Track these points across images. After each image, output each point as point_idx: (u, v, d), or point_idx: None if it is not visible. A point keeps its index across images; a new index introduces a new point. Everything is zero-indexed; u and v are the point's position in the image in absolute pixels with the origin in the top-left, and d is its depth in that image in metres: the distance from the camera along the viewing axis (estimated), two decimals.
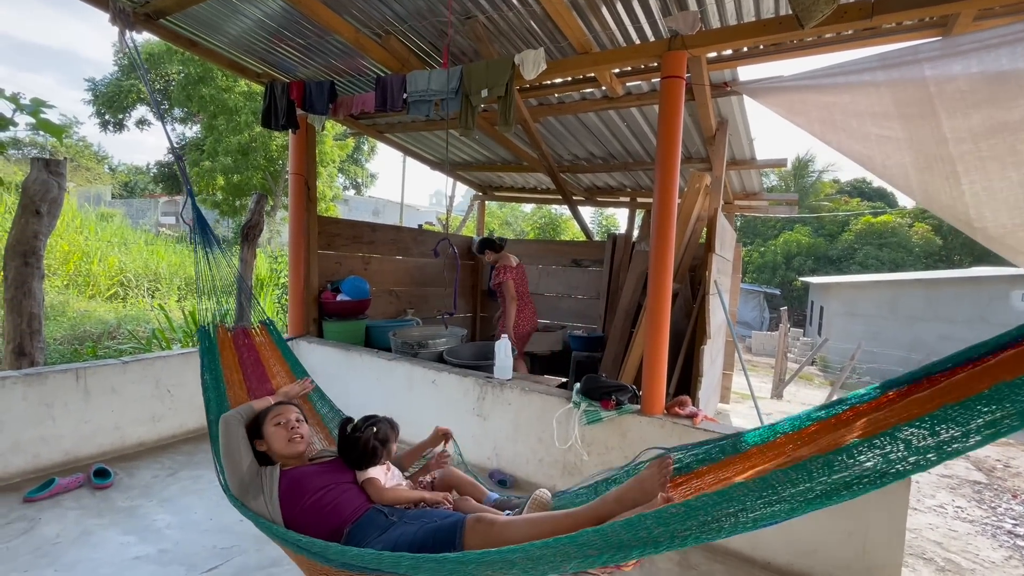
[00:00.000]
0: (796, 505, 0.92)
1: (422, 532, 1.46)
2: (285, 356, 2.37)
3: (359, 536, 1.52)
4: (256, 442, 1.80)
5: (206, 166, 15.49)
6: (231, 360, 2.16)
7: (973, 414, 0.79)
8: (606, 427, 2.79)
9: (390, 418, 1.89)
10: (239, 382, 2.13)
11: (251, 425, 1.83)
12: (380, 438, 1.79)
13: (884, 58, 2.14)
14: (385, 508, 1.63)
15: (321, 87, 3.54)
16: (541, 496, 1.61)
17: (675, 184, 2.65)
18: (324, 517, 1.59)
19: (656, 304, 2.70)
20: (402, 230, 5.74)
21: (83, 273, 8.63)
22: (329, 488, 1.65)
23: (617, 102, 3.64)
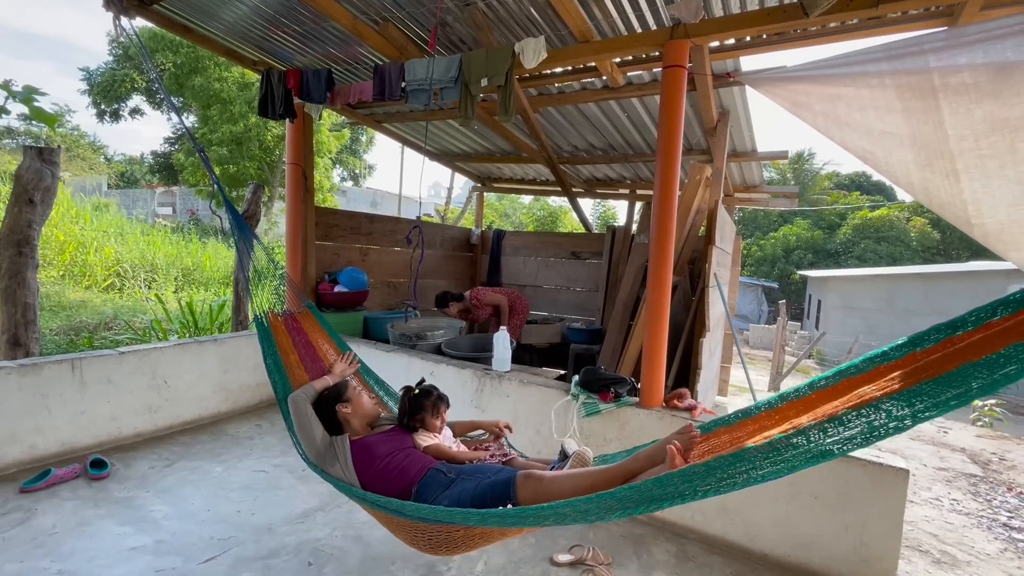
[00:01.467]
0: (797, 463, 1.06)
1: (480, 488, 1.64)
2: (331, 335, 2.60)
3: (426, 493, 1.72)
4: (341, 406, 2.01)
5: None
6: (286, 343, 2.37)
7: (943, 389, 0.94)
8: (604, 419, 2.79)
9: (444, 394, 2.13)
10: (296, 362, 2.34)
11: (331, 395, 2.05)
12: (441, 394, 2.08)
13: (889, 48, 2.11)
14: (444, 467, 1.83)
15: (319, 75, 3.49)
16: (584, 454, 1.76)
17: (676, 175, 2.63)
18: (394, 479, 1.80)
19: (655, 297, 2.69)
20: (400, 221, 5.70)
21: (79, 263, 8.57)
22: (394, 454, 1.87)
23: (618, 92, 3.60)
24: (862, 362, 1.24)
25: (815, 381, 1.35)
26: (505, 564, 2.28)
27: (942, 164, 1.96)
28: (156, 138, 60.08)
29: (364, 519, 2.51)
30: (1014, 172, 1.84)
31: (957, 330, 1.02)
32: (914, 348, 1.10)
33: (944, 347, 1.03)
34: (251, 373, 4.04)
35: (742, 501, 2.44)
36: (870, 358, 1.22)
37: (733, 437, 1.50)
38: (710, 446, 1.54)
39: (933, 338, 1.06)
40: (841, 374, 1.28)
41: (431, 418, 2.03)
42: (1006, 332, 0.93)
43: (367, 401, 2.14)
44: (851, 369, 1.26)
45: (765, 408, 1.47)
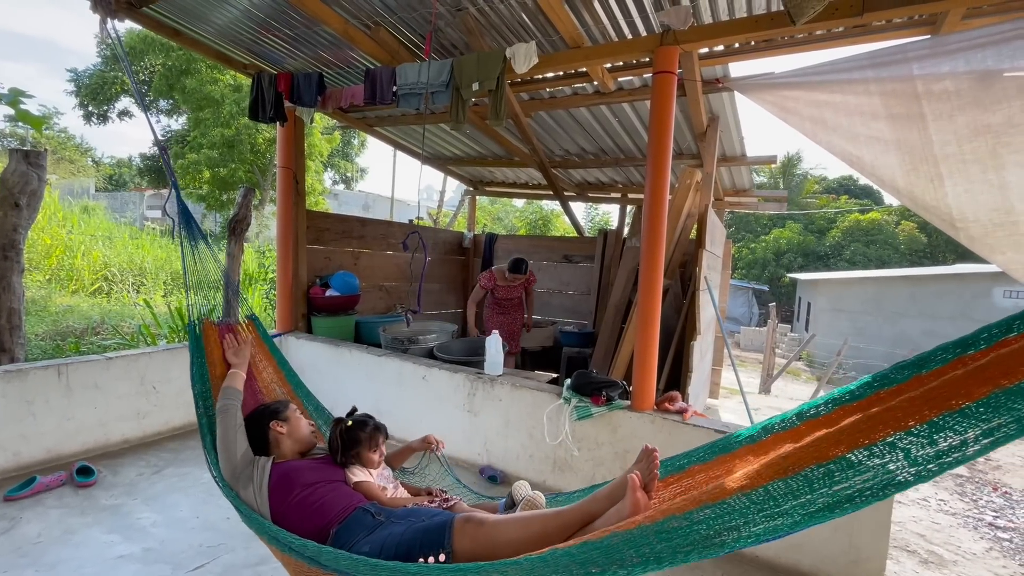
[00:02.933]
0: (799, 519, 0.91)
1: (410, 532, 1.43)
2: (272, 352, 2.35)
3: (345, 537, 1.50)
4: (276, 424, 1.81)
5: (191, 159, 15.25)
6: (217, 356, 2.13)
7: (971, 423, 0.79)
8: (596, 423, 2.80)
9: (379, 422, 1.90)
10: (223, 376, 2.08)
11: (267, 411, 1.86)
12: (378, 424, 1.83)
13: (874, 56, 2.15)
14: (372, 507, 1.61)
15: (309, 79, 3.48)
16: (535, 499, 1.61)
17: (666, 180, 2.65)
18: (310, 515, 1.57)
19: (647, 300, 2.71)
20: (392, 225, 5.70)
21: (66, 268, 8.46)
22: (318, 485, 1.64)
23: (609, 97, 3.63)
24: (857, 388, 1.10)
25: (803, 410, 1.20)
26: None
27: (927, 169, 2.00)
28: (144, 140, 59.60)
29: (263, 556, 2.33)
30: (996, 177, 1.88)
31: (968, 349, 0.90)
32: (919, 371, 0.98)
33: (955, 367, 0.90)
34: None
35: None
36: (867, 383, 1.09)
37: (710, 476, 1.31)
38: (683, 487, 1.36)
39: (940, 358, 0.94)
40: (834, 402, 1.14)
41: (367, 452, 1.80)
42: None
43: (305, 425, 1.92)
44: (844, 396, 1.12)
45: (746, 442, 1.30)
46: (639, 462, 1.38)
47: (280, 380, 2.31)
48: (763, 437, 1.26)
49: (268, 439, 1.79)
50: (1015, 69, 1.83)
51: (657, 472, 1.34)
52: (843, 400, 1.11)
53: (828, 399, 1.16)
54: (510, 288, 4.65)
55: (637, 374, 2.75)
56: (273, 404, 1.91)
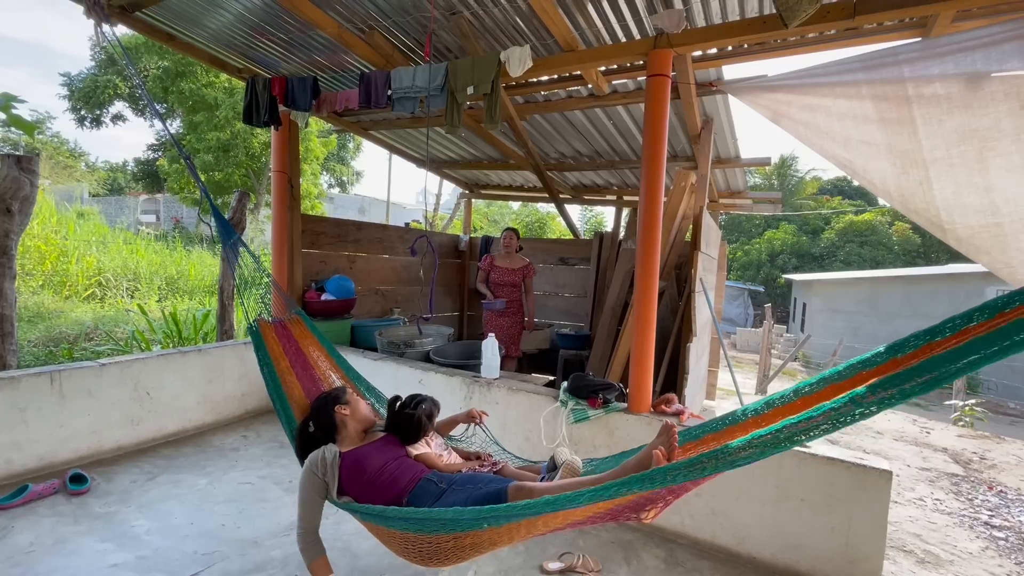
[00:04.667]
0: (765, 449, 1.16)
1: (471, 500, 1.65)
2: (322, 342, 2.56)
3: (416, 504, 1.72)
4: (340, 407, 1.99)
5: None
6: (277, 350, 2.34)
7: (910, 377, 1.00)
8: (593, 425, 2.80)
9: (432, 397, 2.12)
10: (287, 368, 2.31)
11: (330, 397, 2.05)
12: (427, 414, 2.02)
13: (865, 59, 2.17)
14: (434, 476, 1.83)
15: (304, 83, 3.48)
16: (573, 463, 1.80)
17: (661, 182, 2.66)
18: (384, 489, 1.78)
19: (643, 302, 2.71)
20: (388, 228, 5.69)
21: (59, 273, 8.39)
22: (387, 464, 1.84)
23: (603, 100, 3.64)
24: (845, 368, 1.29)
25: (800, 387, 1.40)
26: (495, 573, 2.27)
27: (916, 172, 2.01)
28: (138, 144, 59.45)
29: (351, 530, 2.48)
30: (981, 180, 1.90)
31: (936, 336, 1.06)
32: (895, 354, 1.14)
33: (924, 352, 1.07)
34: (236, 383, 3.99)
35: (730, 505, 2.46)
36: (852, 364, 1.27)
37: (720, 442, 1.52)
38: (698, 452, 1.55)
39: (913, 344, 1.10)
40: (825, 380, 1.33)
41: (417, 434, 2.01)
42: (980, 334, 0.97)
43: (366, 405, 2.14)
44: (834, 376, 1.31)
45: (752, 414, 1.51)
46: (660, 436, 1.59)
47: (333, 367, 2.51)
48: (766, 410, 1.47)
49: (335, 422, 1.98)
50: (1004, 71, 1.85)
51: (676, 444, 1.57)
52: (832, 379, 1.30)
53: (820, 378, 1.35)
54: (507, 272, 4.67)
55: (633, 376, 2.75)
56: (333, 391, 2.09)
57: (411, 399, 2.07)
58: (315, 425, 2.01)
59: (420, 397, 2.08)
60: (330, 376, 2.47)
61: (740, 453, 1.19)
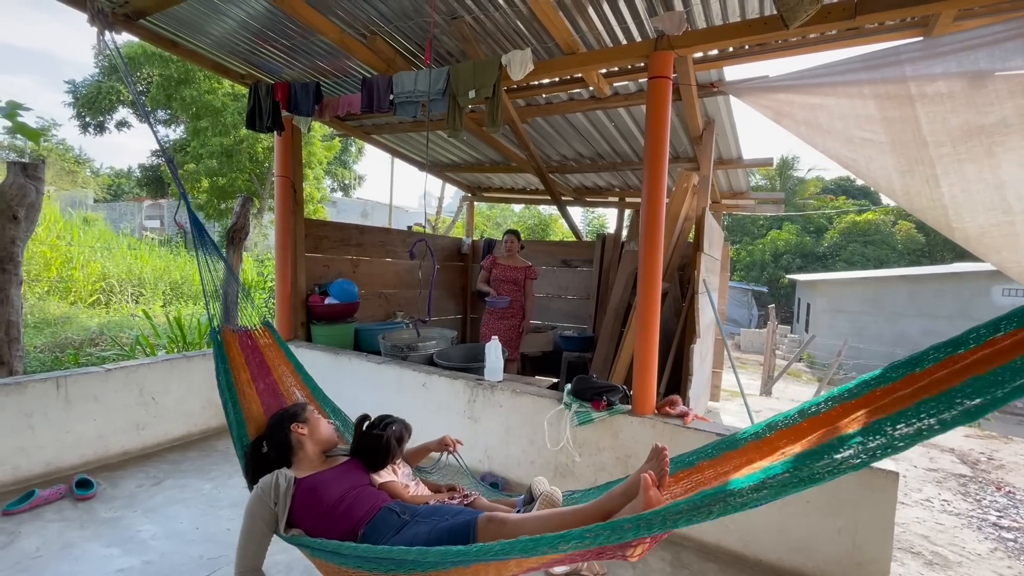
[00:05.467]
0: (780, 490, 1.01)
1: (435, 532, 1.48)
2: (288, 357, 2.44)
3: (373, 537, 1.55)
4: (296, 426, 1.83)
5: (190, 168, 15.29)
6: (239, 360, 2.21)
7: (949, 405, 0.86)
8: (597, 428, 2.79)
9: (403, 419, 1.97)
10: (247, 381, 2.17)
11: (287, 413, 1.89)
12: (397, 436, 1.86)
13: (867, 59, 2.16)
14: (397, 507, 1.66)
15: (306, 88, 3.50)
16: (552, 495, 1.66)
17: (663, 184, 2.66)
18: (338, 520, 1.62)
19: (646, 304, 2.71)
20: (391, 232, 5.70)
21: (65, 279, 8.45)
22: (346, 493, 1.67)
23: (604, 102, 3.64)
24: (856, 386, 1.16)
25: (805, 408, 1.27)
26: None
27: (922, 170, 2.00)
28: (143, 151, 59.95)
29: None
30: (991, 176, 1.89)
31: (959, 348, 0.95)
32: (913, 369, 1.03)
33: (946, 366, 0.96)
34: None
35: None
36: (864, 382, 1.14)
37: (717, 472, 1.40)
38: (692, 482, 1.45)
39: (932, 358, 0.99)
40: (834, 400, 1.20)
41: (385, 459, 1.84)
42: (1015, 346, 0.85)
43: (326, 425, 1.95)
44: (844, 394, 1.18)
45: (752, 438, 1.38)
46: (650, 461, 1.46)
47: (298, 384, 2.40)
48: (767, 434, 1.33)
49: (290, 442, 1.81)
50: (1007, 70, 1.84)
51: (667, 469, 1.44)
52: (842, 398, 1.18)
53: (828, 397, 1.22)
54: (509, 269, 4.68)
55: (637, 378, 2.74)
56: (291, 407, 1.95)
57: (380, 419, 1.91)
58: (269, 445, 1.84)
59: (390, 418, 1.92)
60: (294, 393, 2.32)
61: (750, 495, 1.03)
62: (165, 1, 2.96)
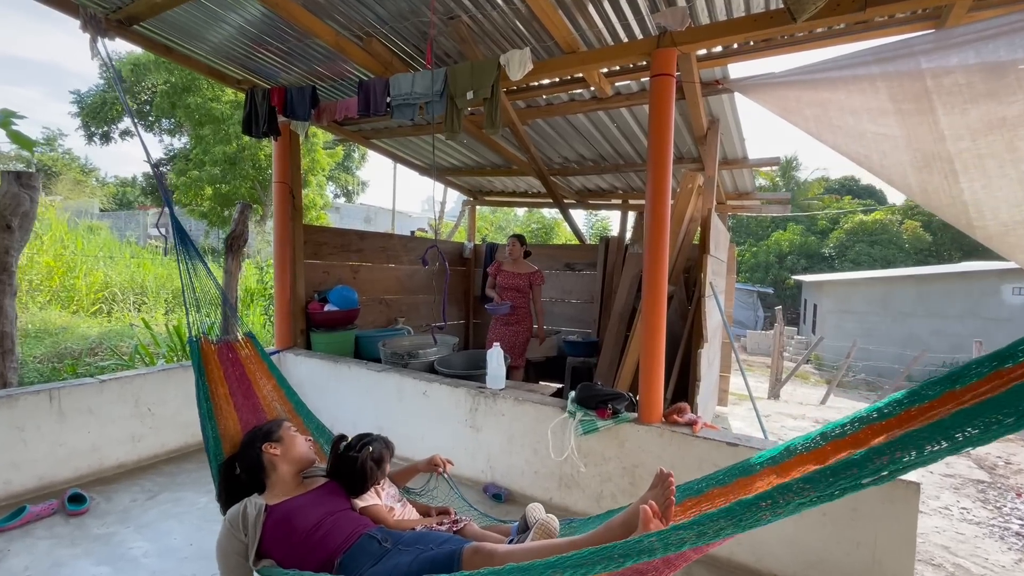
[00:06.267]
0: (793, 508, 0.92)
1: (417, 564, 1.38)
2: (271, 370, 2.35)
3: (351, 567, 1.45)
4: (268, 446, 1.71)
5: (193, 176, 15.33)
6: (217, 374, 2.13)
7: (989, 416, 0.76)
8: (603, 437, 2.70)
9: (385, 437, 1.85)
10: (225, 395, 2.07)
11: (259, 432, 1.78)
12: (375, 458, 1.73)
13: (879, 51, 2.08)
14: (379, 533, 1.55)
15: (303, 92, 3.44)
16: (548, 524, 1.54)
17: (667, 185, 2.58)
18: (314, 549, 1.51)
19: (651, 308, 2.62)
20: (392, 237, 5.64)
21: (67, 288, 8.44)
22: (323, 520, 1.57)
23: (606, 103, 3.57)
24: (887, 406, 1.05)
25: (828, 430, 1.16)
26: None
27: (940, 165, 1.92)
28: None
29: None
30: (1015, 171, 1.80)
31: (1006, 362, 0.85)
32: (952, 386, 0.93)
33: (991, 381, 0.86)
34: None
35: None
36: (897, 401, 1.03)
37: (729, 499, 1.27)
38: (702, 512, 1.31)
39: (976, 372, 0.90)
40: (861, 421, 1.09)
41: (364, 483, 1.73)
42: None
43: (302, 443, 1.81)
44: (873, 415, 1.07)
45: (768, 463, 1.27)
46: (653, 488, 1.34)
47: (280, 398, 2.31)
48: (786, 458, 1.21)
49: (262, 463, 1.70)
50: None
51: (673, 498, 1.30)
52: (870, 419, 1.06)
53: (855, 418, 1.10)
54: (513, 275, 4.60)
55: (643, 385, 2.65)
56: (265, 425, 1.84)
57: (358, 439, 1.78)
58: (240, 466, 1.73)
59: (368, 437, 1.79)
60: (275, 408, 2.23)
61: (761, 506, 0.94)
62: (159, 6, 2.92)
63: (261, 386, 2.24)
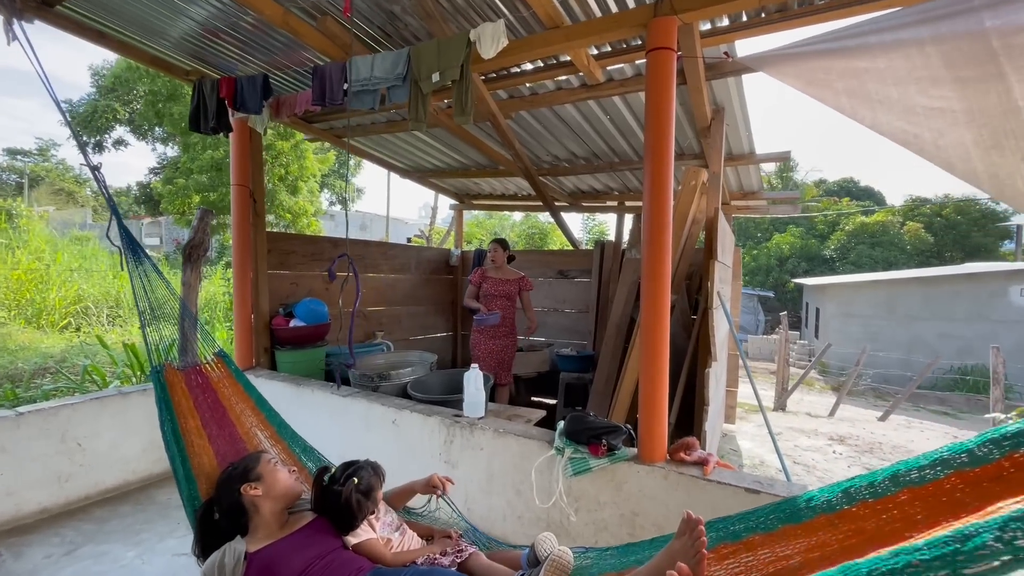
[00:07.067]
0: None
1: None
2: (247, 390, 2.11)
3: None
4: (248, 487, 1.53)
5: (180, 184, 14.98)
6: (186, 405, 1.89)
7: None
8: (596, 478, 2.28)
9: (373, 462, 1.70)
10: (196, 429, 1.85)
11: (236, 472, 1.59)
12: (363, 490, 1.57)
13: (926, 10, 1.68)
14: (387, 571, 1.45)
15: (253, 82, 3.05)
16: (561, 559, 1.39)
17: (669, 178, 2.18)
18: None
19: (652, 323, 2.21)
20: (370, 245, 5.23)
21: (38, 303, 8.02)
22: (310, 565, 1.41)
23: (597, 90, 3.17)
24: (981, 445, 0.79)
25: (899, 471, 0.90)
26: None
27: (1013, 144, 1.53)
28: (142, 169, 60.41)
29: None
30: None
31: None
32: None
33: None
34: None
35: None
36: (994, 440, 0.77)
37: (776, 555, 1.02)
38: (743, 566, 1.06)
39: None
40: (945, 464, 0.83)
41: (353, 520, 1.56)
42: None
43: (285, 477, 1.64)
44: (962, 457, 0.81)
45: (823, 510, 1.00)
46: (681, 537, 1.13)
47: (260, 422, 2.07)
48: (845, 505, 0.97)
49: (243, 505, 1.53)
50: None
51: (704, 551, 1.09)
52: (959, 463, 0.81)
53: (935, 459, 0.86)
54: (500, 282, 4.20)
55: (644, 417, 2.24)
56: (242, 462, 1.64)
57: (343, 470, 1.61)
58: (219, 510, 1.56)
59: (355, 467, 1.62)
60: (255, 435, 2.01)
61: None
62: None
63: (238, 411, 2.03)
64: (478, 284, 4.31)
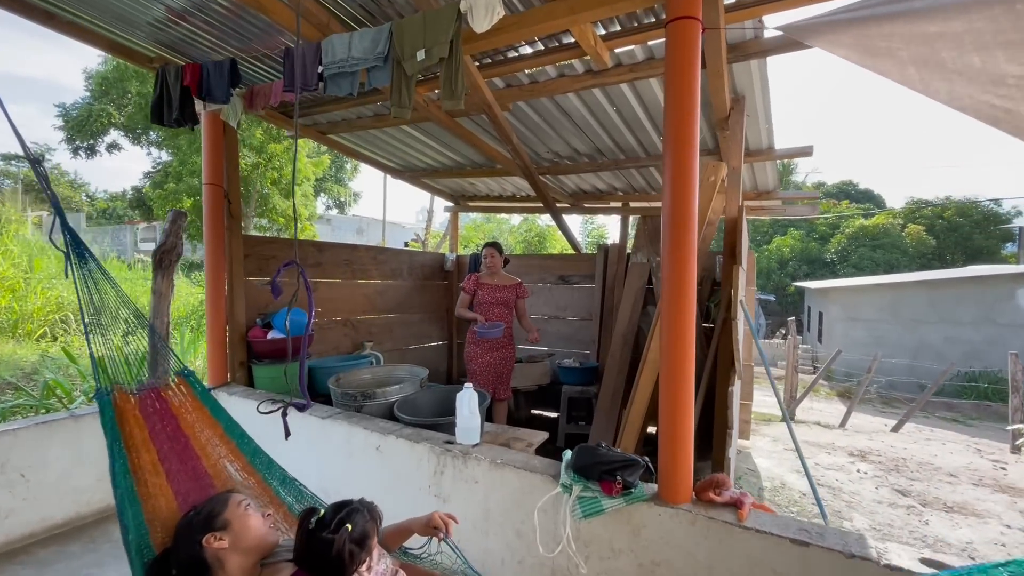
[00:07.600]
0: None
1: None
2: (215, 415, 1.81)
3: None
4: (211, 538, 1.30)
5: (170, 188, 14.71)
6: (140, 436, 1.58)
7: None
8: (610, 521, 1.95)
9: (369, 503, 1.44)
10: (152, 464, 1.56)
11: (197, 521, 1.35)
12: (357, 538, 1.31)
13: None
14: None
15: (220, 68, 2.73)
16: None
17: (694, 171, 1.86)
18: None
19: (675, 338, 1.88)
20: (358, 249, 4.90)
21: (15, 311, 7.68)
22: None
23: (604, 76, 2.86)
24: None
25: None
26: None
27: None
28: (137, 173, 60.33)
29: None
30: None
31: None
32: None
33: None
34: None
35: None
36: None
37: None
38: None
39: None
40: None
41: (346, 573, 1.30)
42: None
43: (257, 524, 1.39)
44: None
45: None
46: None
47: (231, 452, 1.78)
48: None
49: (206, 562, 1.29)
50: None
51: None
52: None
53: None
54: (497, 289, 3.89)
55: (666, 448, 1.91)
56: (204, 507, 1.40)
57: (334, 513, 1.33)
58: (176, 567, 1.32)
59: (348, 509, 1.35)
60: (224, 468, 1.72)
61: None
62: None
63: (203, 440, 1.74)
64: (472, 291, 3.99)
